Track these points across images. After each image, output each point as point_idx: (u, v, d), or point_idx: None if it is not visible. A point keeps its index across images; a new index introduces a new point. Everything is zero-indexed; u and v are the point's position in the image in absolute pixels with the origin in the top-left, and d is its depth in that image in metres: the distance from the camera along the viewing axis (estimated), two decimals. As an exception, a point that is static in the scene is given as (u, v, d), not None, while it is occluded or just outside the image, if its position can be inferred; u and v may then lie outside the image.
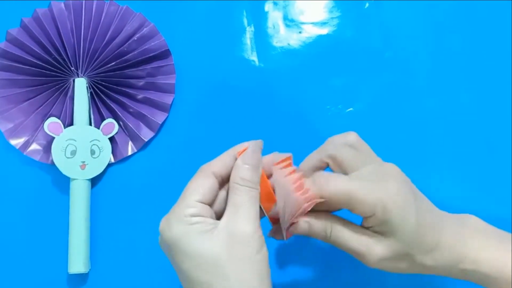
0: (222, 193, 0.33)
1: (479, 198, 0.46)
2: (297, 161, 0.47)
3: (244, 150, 0.33)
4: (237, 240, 0.29)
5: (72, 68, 0.46)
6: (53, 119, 0.46)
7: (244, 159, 0.32)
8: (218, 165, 0.33)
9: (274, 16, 0.49)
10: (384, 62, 0.48)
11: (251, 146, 0.33)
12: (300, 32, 0.49)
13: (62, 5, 0.46)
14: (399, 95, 0.48)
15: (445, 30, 0.48)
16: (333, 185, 0.32)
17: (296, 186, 0.33)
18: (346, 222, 0.34)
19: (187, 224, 0.30)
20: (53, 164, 0.45)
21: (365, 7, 0.49)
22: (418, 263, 0.33)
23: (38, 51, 0.45)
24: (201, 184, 0.32)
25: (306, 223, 0.34)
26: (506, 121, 0.47)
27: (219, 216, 0.32)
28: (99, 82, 0.46)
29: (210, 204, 0.32)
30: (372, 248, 0.33)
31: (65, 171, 0.45)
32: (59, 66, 0.46)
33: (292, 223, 0.34)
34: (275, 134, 0.47)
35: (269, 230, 0.35)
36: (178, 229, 0.30)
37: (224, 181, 0.33)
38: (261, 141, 0.34)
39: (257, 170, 0.32)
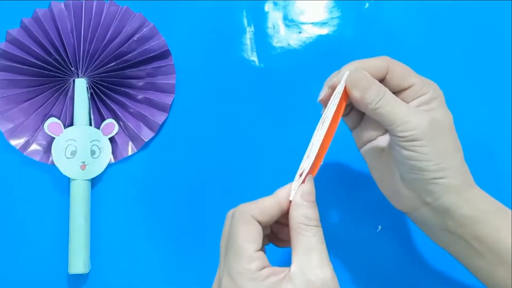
0: None
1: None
2: (294, 160, 0.47)
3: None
4: (315, 286, 0.28)
5: (72, 69, 0.46)
6: (53, 120, 0.46)
7: (305, 197, 0.30)
8: (253, 208, 0.30)
9: (274, 16, 0.49)
10: (384, 62, 0.48)
11: (309, 182, 0.31)
12: (300, 32, 0.49)
13: (62, 5, 0.46)
14: (399, 95, 0.48)
15: (445, 30, 0.48)
16: (399, 65, 0.35)
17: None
18: None
19: (259, 281, 0.28)
20: (53, 164, 0.45)
21: (365, 7, 0.49)
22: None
23: (38, 51, 0.45)
24: (249, 232, 0.29)
25: (363, 72, 0.33)
26: (506, 121, 0.47)
27: None
28: (99, 82, 0.46)
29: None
30: (418, 116, 0.32)
31: (65, 172, 0.45)
32: (59, 66, 0.46)
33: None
34: (274, 134, 0.47)
35: None
36: (257, 286, 0.28)
37: (262, 226, 0.31)
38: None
39: (316, 207, 0.31)
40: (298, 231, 0.30)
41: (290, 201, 0.31)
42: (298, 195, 0.31)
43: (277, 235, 0.34)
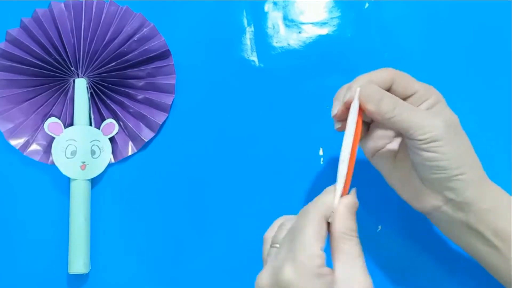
0: None
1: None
2: (294, 162, 0.47)
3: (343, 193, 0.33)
4: None
5: (72, 69, 0.46)
6: (53, 119, 0.46)
7: (350, 209, 0.32)
8: (326, 209, 0.32)
9: (274, 16, 0.49)
10: (384, 62, 0.48)
11: (354, 196, 0.33)
12: (300, 32, 0.49)
13: (62, 5, 0.46)
14: (399, 95, 0.48)
15: (445, 30, 0.48)
16: (402, 74, 0.36)
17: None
18: None
19: (319, 277, 0.30)
20: (53, 164, 0.45)
21: (365, 7, 0.49)
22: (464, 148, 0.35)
23: (38, 51, 0.45)
24: (320, 230, 0.31)
25: (374, 86, 0.35)
26: (506, 121, 0.47)
27: None
28: (99, 82, 0.46)
29: None
30: (433, 118, 0.34)
31: (65, 172, 0.45)
32: (59, 66, 0.46)
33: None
34: (274, 134, 0.47)
35: None
36: (314, 283, 0.30)
37: None
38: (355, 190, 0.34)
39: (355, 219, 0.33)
40: (341, 240, 0.32)
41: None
42: (342, 206, 0.32)
43: None
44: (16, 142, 0.46)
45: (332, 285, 0.30)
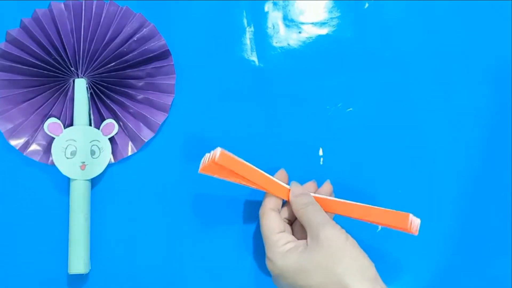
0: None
1: (479, 198, 0.46)
2: (294, 160, 0.47)
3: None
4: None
5: (72, 69, 0.46)
6: (53, 120, 0.46)
7: (295, 195, 0.42)
8: (272, 204, 0.41)
9: (274, 16, 0.49)
10: (384, 62, 0.48)
11: (294, 185, 0.42)
12: (299, 32, 0.49)
13: (62, 5, 0.46)
14: (399, 95, 0.48)
15: (445, 30, 0.48)
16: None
17: None
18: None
19: (290, 251, 0.38)
20: (53, 164, 0.45)
21: (365, 7, 0.49)
22: None
23: (38, 51, 0.45)
24: (273, 219, 0.40)
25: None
26: (506, 121, 0.47)
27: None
28: (99, 82, 0.46)
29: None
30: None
31: (65, 172, 0.45)
32: (59, 66, 0.46)
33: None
34: (274, 134, 0.47)
35: None
36: (288, 257, 0.38)
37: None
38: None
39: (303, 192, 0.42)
40: (299, 214, 0.40)
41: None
42: (290, 195, 0.42)
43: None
44: (16, 142, 0.46)
45: (305, 247, 0.37)
